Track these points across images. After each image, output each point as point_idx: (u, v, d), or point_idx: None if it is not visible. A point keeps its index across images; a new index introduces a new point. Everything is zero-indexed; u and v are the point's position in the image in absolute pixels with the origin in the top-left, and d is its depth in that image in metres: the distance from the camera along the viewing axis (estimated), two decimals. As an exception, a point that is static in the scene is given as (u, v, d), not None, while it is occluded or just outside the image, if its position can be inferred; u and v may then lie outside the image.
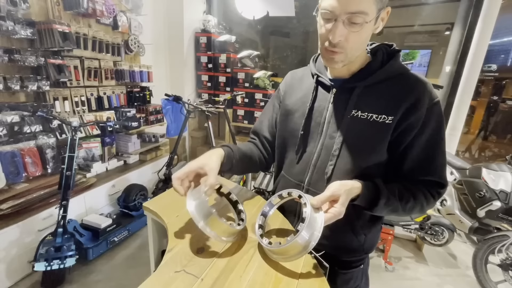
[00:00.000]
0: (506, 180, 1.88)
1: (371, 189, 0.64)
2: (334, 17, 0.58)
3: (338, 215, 0.59)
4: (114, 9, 2.20)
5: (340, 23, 0.58)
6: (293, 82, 0.84)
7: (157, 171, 2.60)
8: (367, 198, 0.64)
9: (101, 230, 1.92)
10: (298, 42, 4.09)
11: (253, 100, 3.20)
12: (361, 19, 0.57)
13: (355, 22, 0.57)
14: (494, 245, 1.78)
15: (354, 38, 0.60)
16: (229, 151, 0.76)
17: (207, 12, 3.44)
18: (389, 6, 0.62)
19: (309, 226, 0.58)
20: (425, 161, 0.67)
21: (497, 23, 2.44)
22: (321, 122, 0.72)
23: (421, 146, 0.65)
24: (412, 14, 3.24)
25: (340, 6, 0.56)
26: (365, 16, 0.57)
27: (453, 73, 2.78)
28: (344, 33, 0.58)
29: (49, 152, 1.85)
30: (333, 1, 0.57)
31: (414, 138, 0.65)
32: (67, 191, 1.62)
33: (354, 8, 0.56)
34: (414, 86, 0.65)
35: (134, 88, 2.60)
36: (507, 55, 3.36)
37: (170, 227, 0.76)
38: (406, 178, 0.68)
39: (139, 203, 2.32)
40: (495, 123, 3.72)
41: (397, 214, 0.68)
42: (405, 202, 0.66)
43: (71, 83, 2.01)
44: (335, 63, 0.64)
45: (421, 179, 0.68)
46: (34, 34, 1.72)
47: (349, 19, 0.57)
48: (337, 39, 0.59)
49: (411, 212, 0.69)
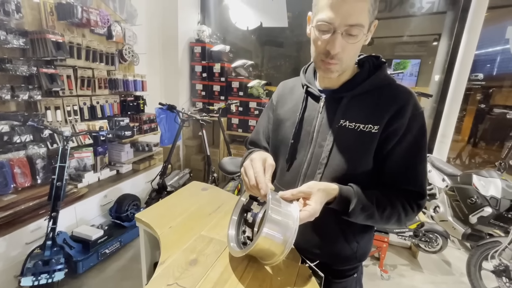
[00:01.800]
0: (496, 186, 1.91)
1: (347, 192, 0.64)
2: (332, 29, 0.59)
3: (314, 212, 0.58)
4: (109, 19, 2.22)
5: (339, 35, 0.59)
6: (284, 92, 0.86)
7: (150, 180, 2.56)
8: (343, 200, 0.64)
9: (92, 242, 1.87)
10: (291, 51, 4.16)
11: (247, 109, 3.21)
12: (358, 31, 0.59)
13: (353, 34, 0.59)
14: (487, 251, 1.79)
15: (350, 50, 0.62)
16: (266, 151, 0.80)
17: (201, 23, 3.49)
18: (377, 19, 0.65)
19: (276, 221, 0.56)
20: (405, 169, 0.67)
21: (482, 34, 2.54)
22: (310, 131, 0.73)
23: (402, 154, 0.66)
24: (401, 25, 3.35)
25: (339, 18, 0.57)
26: (362, 28, 0.59)
27: (441, 82, 2.86)
28: (343, 44, 0.60)
29: (40, 162, 1.82)
30: (332, 14, 0.58)
31: (395, 145, 0.66)
32: (57, 202, 1.58)
33: (353, 21, 0.58)
34: (399, 95, 0.66)
35: (128, 97, 2.59)
36: (493, 65, 3.47)
37: (162, 239, 0.75)
38: (387, 187, 0.69)
39: (132, 214, 2.27)
40: (484, 130, 3.82)
41: (374, 221, 0.67)
42: (382, 209, 0.65)
43: (64, 92, 1.99)
44: (331, 73, 0.66)
45: (401, 188, 0.68)
46: (27, 44, 1.71)
47: (347, 31, 0.59)
48: (337, 51, 0.60)
49: (388, 221, 0.67)
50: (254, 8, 3.25)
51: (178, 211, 0.90)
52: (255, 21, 3.28)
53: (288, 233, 0.56)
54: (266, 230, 0.55)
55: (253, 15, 3.27)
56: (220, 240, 0.75)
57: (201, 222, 0.84)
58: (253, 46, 4.06)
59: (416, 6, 2.84)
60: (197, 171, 3.40)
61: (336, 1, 0.57)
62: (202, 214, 0.89)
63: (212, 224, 0.83)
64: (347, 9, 0.57)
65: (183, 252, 0.70)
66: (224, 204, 0.97)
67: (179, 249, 0.71)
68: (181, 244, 0.73)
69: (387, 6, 2.95)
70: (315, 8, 0.64)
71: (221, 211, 0.92)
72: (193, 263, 0.66)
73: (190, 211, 0.91)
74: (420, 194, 0.68)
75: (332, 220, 0.70)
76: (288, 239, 0.56)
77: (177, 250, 0.70)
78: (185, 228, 0.81)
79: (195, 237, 0.76)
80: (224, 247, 0.72)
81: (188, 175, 2.97)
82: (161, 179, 2.44)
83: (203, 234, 0.78)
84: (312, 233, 0.73)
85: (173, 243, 0.73)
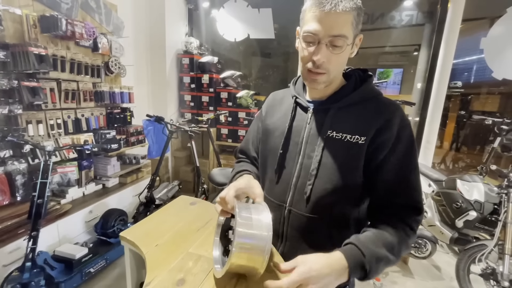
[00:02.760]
0: (479, 190, 1.97)
1: (355, 258, 0.58)
2: (317, 40, 0.62)
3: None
4: (95, 32, 2.20)
5: (323, 46, 0.62)
6: (274, 103, 0.87)
7: (138, 194, 2.50)
8: (356, 267, 0.58)
9: (75, 261, 1.78)
10: (279, 62, 4.25)
11: (236, 119, 3.22)
12: (342, 42, 0.62)
13: (337, 45, 0.62)
14: (474, 255, 1.83)
15: (335, 60, 0.64)
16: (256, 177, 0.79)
17: (189, 34, 3.51)
18: (361, 33, 0.68)
19: (246, 234, 0.54)
20: (398, 183, 0.66)
21: (459, 44, 2.67)
22: (299, 142, 0.74)
23: (393, 167, 0.66)
24: (384, 36, 3.49)
25: (323, 29, 0.61)
26: (346, 39, 0.62)
27: (423, 89, 2.97)
28: (327, 55, 0.62)
29: (19, 179, 1.74)
30: (317, 25, 0.61)
31: (386, 157, 0.66)
32: (38, 221, 1.51)
33: (337, 32, 0.61)
34: (386, 108, 0.68)
35: (114, 109, 2.55)
36: (470, 73, 3.65)
37: (148, 258, 0.72)
38: (382, 202, 0.68)
39: (119, 229, 2.19)
40: (465, 136, 3.97)
41: (391, 264, 0.63)
42: (391, 249, 0.61)
43: (46, 105, 1.93)
44: (318, 84, 0.67)
45: (396, 203, 0.66)
46: (8, 57, 1.66)
47: (331, 42, 0.62)
48: (321, 60, 0.63)
49: (400, 255, 0.63)
50: (241, 20, 3.31)
51: (165, 228, 0.87)
52: (243, 33, 3.33)
53: (261, 242, 0.55)
54: (238, 245, 0.53)
55: (241, 27, 3.32)
56: (209, 257, 0.73)
57: (189, 239, 0.82)
58: (241, 57, 4.11)
59: (396, 18, 2.97)
60: (186, 183, 3.34)
61: (321, 14, 0.60)
62: (190, 230, 0.87)
63: (200, 240, 0.81)
64: (331, 21, 0.60)
65: (169, 272, 0.67)
66: (213, 219, 0.95)
67: (165, 269, 0.68)
68: (168, 263, 0.70)
69: (369, 19, 3.07)
70: (302, 22, 0.67)
71: (210, 226, 0.90)
72: (180, 283, 0.64)
73: (178, 227, 0.89)
74: (416, 208, 0.66)
75: (324, 234, 0.70)
76: (265, 248, 0.55)
77: (163, 269, 0.68)
78: (172, 246, 0.78)
79: (183, 255, 0.74)
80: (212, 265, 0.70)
81: (177, 187, 2.91)
82: (149, 192, 2.38)
83: (191, 251, 0.76)
84: (305, 248, 0.72)
85: (160, 262, 0.71)
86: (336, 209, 0.70)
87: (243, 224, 0.55)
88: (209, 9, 3.44)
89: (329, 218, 0.71)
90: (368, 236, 0.62)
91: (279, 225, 0.77)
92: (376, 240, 0.61)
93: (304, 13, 0.66)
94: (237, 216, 0.56)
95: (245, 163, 0.92)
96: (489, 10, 2.89)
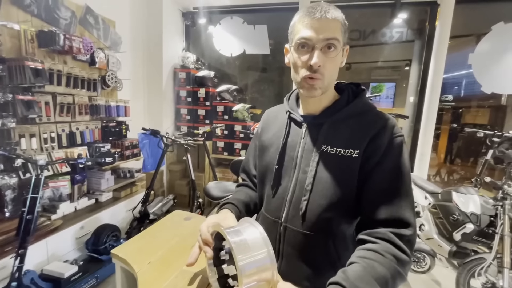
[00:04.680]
0: (474, 202, 1.97)
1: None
2: (311, 46, 0.64)
3: None
4: (92, 47, 2.22)
5: (318, 50, 0.64)
6: (269, 120, 0.87)
7: (131, 208, 2.44)
8: None
9: (64, 280, 1.71)
10: (274, 76, 4.32)
11: (232, 132, 3.23)
12: (335, 45, 0.64)
13: (331, 49, 0.64)
14: (473, 269, 1.80)
15: (329, 65, 0.66)
16: (237, 211, 0.77)
17: (186, 50, 3.58)
18: (353, 46, 0.70)
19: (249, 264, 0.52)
20: (387, 195, 0.63)
21: (448, 59, 2.76)
22: (294, 157, 0.74)
23: (383, 177, 0.64)
24: (376, 52, 3.60)
25: (317, 34, 0.63)
26: (338, 42, 0.64)
27: (416, 103, 3.04)
28: (323, 59, 0.64)
29: (9, 194, 1.69)
30: (310, 31, 0.64)
31: (375, 167, 0.64)
32: (26, 238, 1.45)
33: (329, 35, 0.63)
34: (378, 120, 0.68)
35: (110, 122, 2.54)
36: (460, 87, 3.76)
37: (140, 277, 0.70)
38: (369, 214, 0.65)
39: (111, 246, 2.13)
40: (458, 148, 4.02)
41: None
42: (384, 281, 0.56)
43: (41, 119, 1.92)
44: (315, 90, 0.68)
45: (383, 216, 0.62)
46: (4, 71, 1.66)
47: (326, 45, 0.64)
48: (318, 64, 0.64)
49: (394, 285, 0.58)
50: (237, 36, 3.39)
51: (158, 244, 0.85)
52: (239, 48, 3.41)
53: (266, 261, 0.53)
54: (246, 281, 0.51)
55: (237, 43, 3.40)
56: (204, 275, 0.71)
57: (183, 256, 0.79)
58: (237, 71, 4.18)
59: (387, 35, 3.08)
60: (181, 197, 3.29)
61: (312, 21, 0.63)
62: (184, 246, 0.85)
63: (195, 257, 0.79)
64: (323, 26, 0.63)
65: (162, 290, 0.65)
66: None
67: (158, 287, 0.66)
68: (161, 281, 0.68)
69: (361, 35, 3.18)
70: (291, 36, 0.70)
71: (205, 241, 0.88)
72: (173, 303, 0.61)
73: (171, 243, 0.86)
74: (404, 222, 0.61)
75: (321, 252, 0.69)
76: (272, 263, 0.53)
77: (156, 288, 0.65)
78: (165, 263, 0.76)
79: (176, 273, 0.71)
80: (207, 283, 0.68)
81: (172, 201, 2.86)
82: (143, 207, 2.33)
83: (185, 269, 0.73)
84: (302, 266, 0.70)
85: (152, 281, 0.68)
86: (332, 225, 0.69)
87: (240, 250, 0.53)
88: (206, 25, 3.53)
89: (325, 235, 0.69)
90: (357, 272, 0.55)
91: (275, 242, 0.75)
92: (366, 275, 0.54)
93: (293, 27, 0.69)
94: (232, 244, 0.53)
95: (242, 188, 0.91)
96: (475, 28, 3.01)
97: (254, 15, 3.34)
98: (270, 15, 3.30)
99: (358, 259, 0.59)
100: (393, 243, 0.59)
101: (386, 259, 0.57)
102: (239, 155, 3.22)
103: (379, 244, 0.60)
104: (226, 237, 0.54)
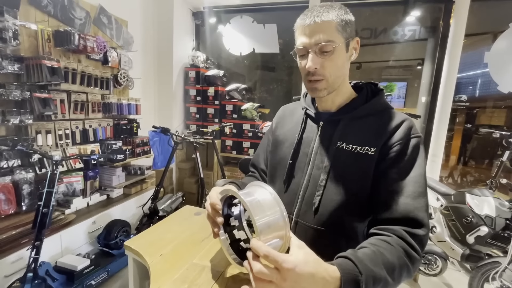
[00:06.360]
0: (489, 204, 1.92)
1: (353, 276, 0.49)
2: (307, 51, 0.67)
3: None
4: (105, 46, 2.28)
5: (312, 54, 0.66)
6: (284, 115, 0.88)
7: (141, 205, 2.49)
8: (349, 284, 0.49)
9: (77, 272, 1.76)
10: (283, 75, 4.31)
11: (241, 131, 3.24)
12: (329, 47, 0.65)
13: (325, 50, 0.65)
14: (487, 273, 1.75)
15: (329, 65, 0.67)
16: (237, 188, 0.77)
17: (196, 49, 3.61)
18: (364, 45, 0.70)
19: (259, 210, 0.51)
20: (402, 195, 0.62)
21: (463, 58, 2.69)
22: (308, 153, 0.74)
23: (398, 176, 0.63)
24: (387, 51, 3.54)
25: (309, 40, 0.66)
26: (332, 43, 0.65)
27: (428, 103, 2.97)
28: (318, 61, 0.66)
29: (26, 188, 1.75)
30: (304, 38, 0.67)
31: (391, 166, 0.65)
32: (42, 230, 1.50)
33: (322, 39, 0.65)
34: (396, 119, 0.68)
35: (121, 120, 2.59)
36: (475, 87, 3.65)
37: (152, 268, 0.71)
38: (382, 212, 0.63)
39: (121, 241, 2.17)
40: (472, 149, 3.91)
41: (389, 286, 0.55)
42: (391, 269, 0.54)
43: (56, 116, 1.98)
44: (319, 91, 0.69)
45: (396, 214, 0.61)
46: (22, 69, 1.73)
47: (319, 49, 0.65)
48: (313, 67, 0.66)
49: (399, 281, 0.57)
50: (246, 35, 3.40)
51: (169, 238, 0.86)
52: (248, 47, 3.42)
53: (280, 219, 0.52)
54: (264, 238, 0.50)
55: (246, 42, 3.41)
56: (213, 268, 0.72)
57: (193, 249, 0.80)
58: (246, 70, 4.19)
59: (399, 33, 3.02)
60: (190, 195, 3.32)
61: (304, 28, 0.66)
62: (195, 240, 0.86)
63: (205, 251, 0.80)
64: (314, 31, 0.65)
65: (173, 282, 0.66)
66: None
67: (169, 279, 0.67)
68: (172, 273, 0.69)
69: (372, 34, 3.13)
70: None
71: (215, 236, 0.89)
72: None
73: (182, 237, 0.88)
74: (418, 223, 0.60)
75: (332, 248, 0.68)
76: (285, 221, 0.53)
77: (167, 280, 0.67)
78: (176, 256, 0.77)
79: (187, 266, 0.72)
80: (217, 276, 0.68)
81: (181, 198, 2.90)
82: (153, 204, 2.37)
83: (195, 262, 0.74)
84: None
85: (164, 272, 0.69)
86: (345, 222, 0.69)
87: (256, 209, 0.51)
88: (216, 24, 3.55)
89: (337, 231, 0.69)
90: (367, 253, 0.54)
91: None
92: (375, 258, 0.53)
93: (294, 35, 0.72)
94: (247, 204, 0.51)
95: (248, 177, 0.93)
96: (491, 25, 2.92)
97: (264, 14, 3.34)
98: (280, 14, 3.29)
99: (368, 245, 0.58)
100: (405, 240, 0.59)
101: (396, 250, 0.57)
102: (247, 154, 3.23)
103: (391, 237, 0.59)
104: (240, 197, 0.53)
